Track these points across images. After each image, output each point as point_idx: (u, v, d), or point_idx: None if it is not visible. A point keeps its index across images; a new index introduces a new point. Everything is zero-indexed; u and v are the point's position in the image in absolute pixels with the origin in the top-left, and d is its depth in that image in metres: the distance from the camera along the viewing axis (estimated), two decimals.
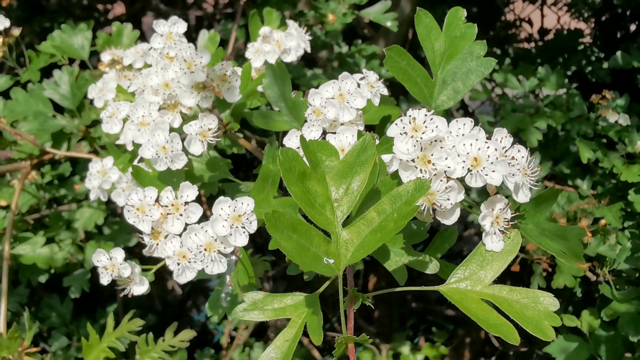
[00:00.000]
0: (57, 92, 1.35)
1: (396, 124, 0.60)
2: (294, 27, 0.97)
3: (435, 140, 0.58)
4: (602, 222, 1.80)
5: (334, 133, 0.77)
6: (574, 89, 3.13)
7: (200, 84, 0.78)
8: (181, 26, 0.79)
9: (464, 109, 2.64)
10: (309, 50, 0.97)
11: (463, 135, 0.59)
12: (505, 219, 0.63)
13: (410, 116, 0.60)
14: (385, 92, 0.79)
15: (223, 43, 1.90)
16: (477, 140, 0.58)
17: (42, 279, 1.66)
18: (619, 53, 2.23)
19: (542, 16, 3.12)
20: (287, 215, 0.54)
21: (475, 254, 0.62)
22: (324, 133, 0.79)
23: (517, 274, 1.88)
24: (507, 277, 0.70)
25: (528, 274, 1.87)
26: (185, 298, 3.11)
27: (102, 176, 0.90)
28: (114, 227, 1.68)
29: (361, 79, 0.79)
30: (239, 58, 1.55)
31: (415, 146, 0.58)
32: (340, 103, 0.77)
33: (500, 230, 0.63)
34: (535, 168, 0.63)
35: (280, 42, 0.94)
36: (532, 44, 2.89)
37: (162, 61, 0.76)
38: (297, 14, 1.81)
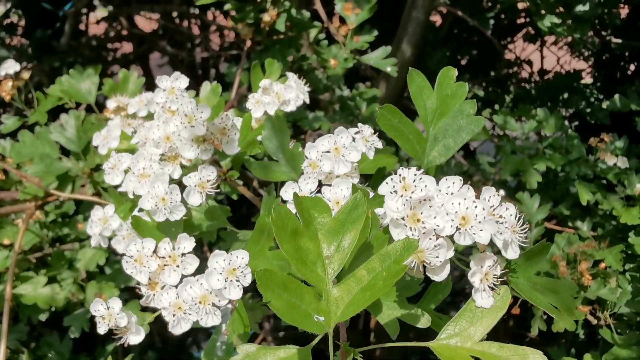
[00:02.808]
0: (63, 135, 1.38)
1: (387, 183, 0.62)
2: (293, 79, 1.00)
3: (425, 200, 0.60)
4: (602, 265, 1.80)
5: (330, 185, 0.80)
6: (573, 130, 3.17)
7: (200, 137, 0.81)
8: (183, 82, 0.83)
9: (464, 149, 2.67)
10: (307, 101, 1.00)
11: (452, 194, 0.61)
12: (494, 275, 0.64)
13: (400, 175, 0.62)
14: (380, 145, 0.82)
15: (228, 85, 1.95)
16: (465, 199, 0.59)
17: (43, 317, 1.66)
18: (617, 96, 2.26)
19: (542, 57, 3.18)
20: (279, 274, 0.56)
21: (465, 310, 0.63)
22: (320, 185, 0.81)
23: (517, 317, 1.87)
24: (504, 324, 0.71)
25: (529, 316, 1.86)
26: (185, 335, 3.10)
27: (103, 223, 0.92)
28: (115, 266, 1.69)
29: (356, 133, 0.82)
30: (243, 99, 1.59)
31: (404, 205, 0.60)
32: (336, 156, 0.79)
33: (489, 287, 0.64)
34: (525, 225, 0.64)
35: (279, 94, 0.97)
36: (532, 84, 2.93)
37: (164, 115, 0.79)
38: (300, 58, 1.86)
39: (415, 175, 0.61)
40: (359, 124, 0.83)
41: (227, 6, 1.61)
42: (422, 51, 2.39)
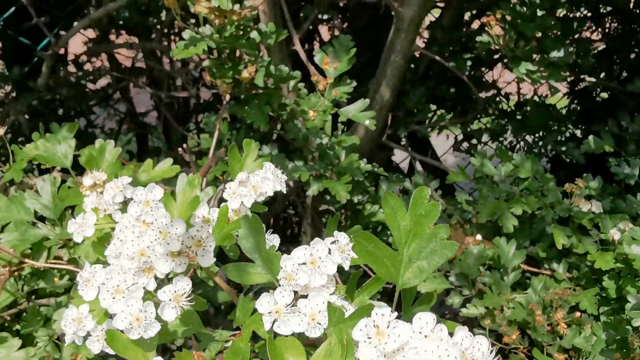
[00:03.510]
0: (39, 201, 1.37)
1: (360, 330, 0.63)
2: (271, 170, 1.00)
3: (399, 349, 0.61)
4: (577, 314, 1.83)
5: (306, 296, 0.80)
6: (548, 160, 3.20)
7: (175, 252, 0.81)
8: (158, 193, 0.82)
9: (442, 187, 2.64)
10: (284, 191, 1.01)
11: (425, 336, 0.62)
12: None
13: (374, 321, 0.62)
14: (355, 255, 0.82)
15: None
16: (437, 346, 0.60)
17: None
18: (591, 137, 2.31)
19: (519, 89, 3.22)
20: None
21: None
22: (296, 295, 0.81)
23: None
24: None
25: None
26: None
27: (77, 324, 0.92)
28: None
29: (332, 243, 0.82)
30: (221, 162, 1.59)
31: (378, 356, 0.60)
32: (312, 269, 0.80)
33: None
34: (497, 357, 0.65)
35: (256, 187, 0.98)
36: (511, 116, 2.94)
37: (138, 228, 0.79)
38: (280, 107, 1.86)
39: (389, 322, 0.62)
40: (335, 232, 0.83)
41: (205, 63, 1.61)
42: (401, 90, 2.41)
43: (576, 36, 2.60)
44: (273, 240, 1.00)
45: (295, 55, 2.13)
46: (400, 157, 3.60)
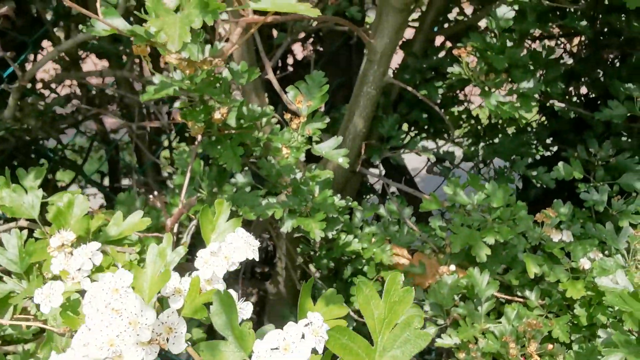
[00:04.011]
0: (4, 256, 1.33)
1: None
2: (244, 237, 0.99)
3: None
4: (550, 346, 1.86)
5: None
6: (519, 177, 3.24)
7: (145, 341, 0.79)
8: (127, 279, 0.81)
9: (415, 214, 2.64)
10: (257, 259, 1.00)
11: None
12: None
13: None
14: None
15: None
16: None
17: None
18: (560, 164, 2.34)
19: (490, 114, 3.25)
20: None
21: None
22: None
23: None
24: None
25: None
26: None
27: None
28: None
29: (306, 325, 0.82)
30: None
31: None
32: (285, 353, 0.79)
33: None
34: None
35: (228, 257, 0.97)
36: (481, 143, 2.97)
37: (107, 316, 0.77)
38: (255, 141, 1.84)
39: None
40: (309, 314, 0.83)
41: (176, 104, 1.59)
42: (373, 116, 2.41)
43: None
44: (245, 307, 1.00)
45: (269, 81, 2.12)
46: (374, 177, 3.62)
